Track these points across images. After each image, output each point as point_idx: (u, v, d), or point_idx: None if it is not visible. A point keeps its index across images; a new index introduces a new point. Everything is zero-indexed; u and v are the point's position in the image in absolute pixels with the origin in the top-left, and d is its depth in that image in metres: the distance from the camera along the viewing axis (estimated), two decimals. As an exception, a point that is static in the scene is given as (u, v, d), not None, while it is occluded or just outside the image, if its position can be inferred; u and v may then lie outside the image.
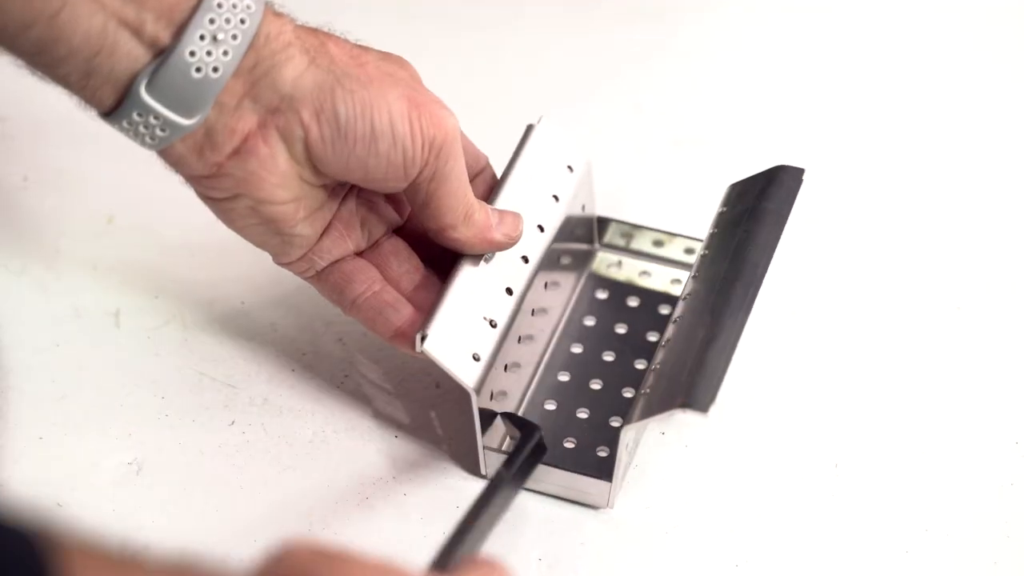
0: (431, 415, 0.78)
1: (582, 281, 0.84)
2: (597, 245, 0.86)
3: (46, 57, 0.66)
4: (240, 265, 0.84)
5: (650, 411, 0.70)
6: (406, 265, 0.76)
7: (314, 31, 0.70)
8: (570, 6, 1.03)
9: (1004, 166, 0.94)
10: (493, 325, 0.74)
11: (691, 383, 0.68)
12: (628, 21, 1.03)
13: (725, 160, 0.93)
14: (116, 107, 0.68)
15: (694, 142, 0.95)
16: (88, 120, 0.72)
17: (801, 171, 0.78)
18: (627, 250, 0.86)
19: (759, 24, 1.04)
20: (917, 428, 0.79)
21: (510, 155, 0.79)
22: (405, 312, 0.74)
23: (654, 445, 0.77)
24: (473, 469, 0.76)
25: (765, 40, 1.03)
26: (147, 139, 0.68)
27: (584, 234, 0.84)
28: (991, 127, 0.97)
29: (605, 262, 0.86)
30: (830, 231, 0.89)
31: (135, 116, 0.67)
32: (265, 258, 0.80)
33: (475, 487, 0.74)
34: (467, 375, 0.72)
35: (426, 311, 0.73)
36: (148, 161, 0.77)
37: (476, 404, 0.72)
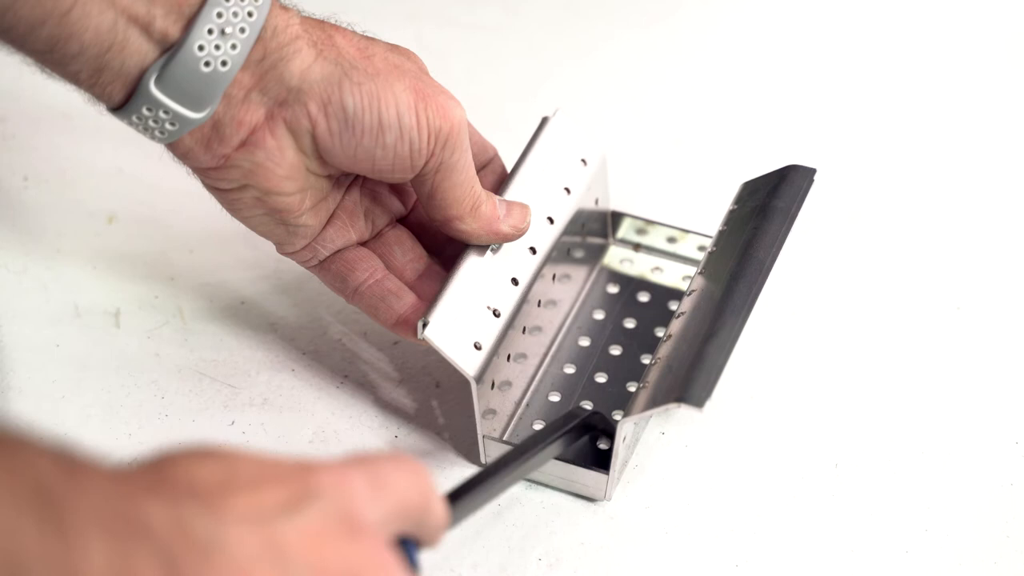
0: (432, 412, 0.78)
1: (594, 275, 0.85)
2: (611, 239, 0.86)
3: (57, 55, 0.67)
4: (240, 265, 0.84)
5: (648, 405, 0.71)
6: (410, 255, 0.77)
7: (321, 23, 0.71)
8: (570, 6, 1.04)
9: (1004, 167, 0.95)
10: (497, 315, 0.75)
11: (688, 378, 0.68)
12: (629, 21, 1.03)
13: (725, 160, 0.94)
14: (125, 102, 0.69)
15: (695, 141, 0.95)
16: (88, 119, 0.73)
17: (812, 171, 0.79)
18: (640, 245, 0.86)
19: (759, 23, 1.04)
20: (917, 428, 0.79)
21: (513, 154, 0.80)
22: (408, 300, 0.75)
23: (654, 444, 0.78)
24: (474, 460, 0.76)
25: (765, 39, 1.03)
26: (156, 133, 0.69)
27: (598, 228, 0.85)
28: (992, 128, 0.97)
29: (618, 256, 0.86)
30: (829, 231, 0.90)
31: (145, 111, 0.68)
32: (266, 258, 0.80)
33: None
34: (467, 363, 0.73)
35: (429, 300, 0.73)
36: (149, 161, 0.78)
37: (476, 392, 0.73)
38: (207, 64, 0.68)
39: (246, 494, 0.50)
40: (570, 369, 0.81)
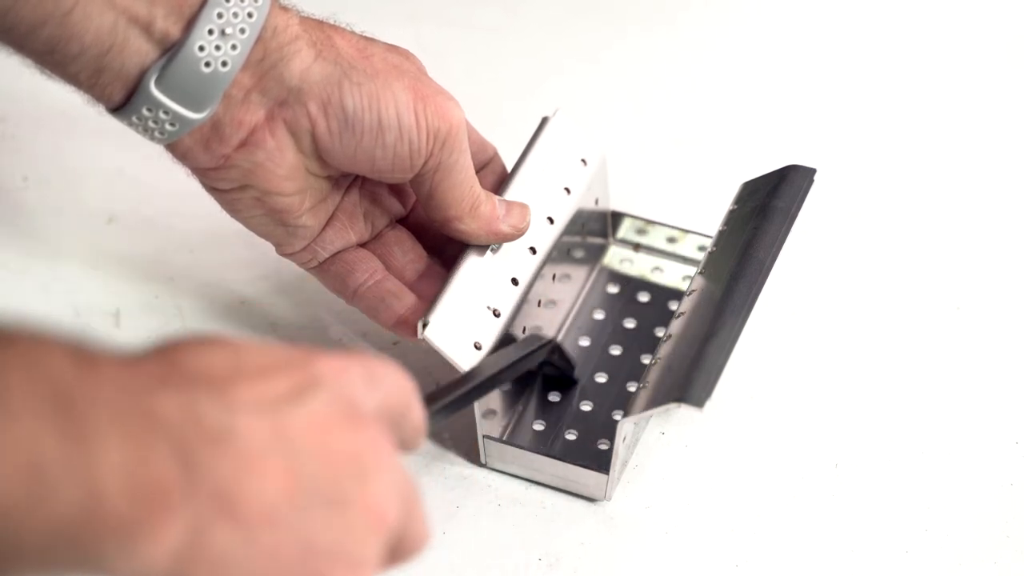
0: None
1: (594, 275, 0.85)
2: (611, 239, 0.86)
3: (57, 56, 0.67)
4: (240, 265, 0.85)
5: (648, 405, 0.71)
6: (410, 255, 0.77)
7: (319, 24, 0.71)
8: (570, 6, 1.04)
9: (1004, 167, 0.95)
10: (497, 315, 0.75)
11: (688, 378, 0.69)
12: (629, 21, 1.03)
13: (725, 160, 0.94)
14: (125, 103, 0.69)
15: (695, 141, 0.95)
16: (88, 119, 0.73)
17: (812, 171, 0.79)
18: (640, 245, 0.86)
19: (759, 24, 1.04)
20: (917, 428, 0.79)
21: (513, 154, 0.80)
22: (407, 300, 0.75)
23: (654, 444, 0.78)
24: (475, 460, 0.76)
25: (765, 39, 1.03)
26: (156, 134, 0.70)
27: (598, 228, 0.85)
28: (992, 128, 0.97)
29: (618, 256, 0.87)
30: (829, 231, 0.90)
31: (144, 111, 0.69)
32: (265, 258, 0.80)
33: (477, 478, 0.75)
34: (467, 363, 0.73)
35: (429, 300, 0.74)
36: (148, 160, 0.78)
37: None
38: (207, 64, 0.68)
39: (254, 382, 0.52)
40: (570, 369, 0.81)
